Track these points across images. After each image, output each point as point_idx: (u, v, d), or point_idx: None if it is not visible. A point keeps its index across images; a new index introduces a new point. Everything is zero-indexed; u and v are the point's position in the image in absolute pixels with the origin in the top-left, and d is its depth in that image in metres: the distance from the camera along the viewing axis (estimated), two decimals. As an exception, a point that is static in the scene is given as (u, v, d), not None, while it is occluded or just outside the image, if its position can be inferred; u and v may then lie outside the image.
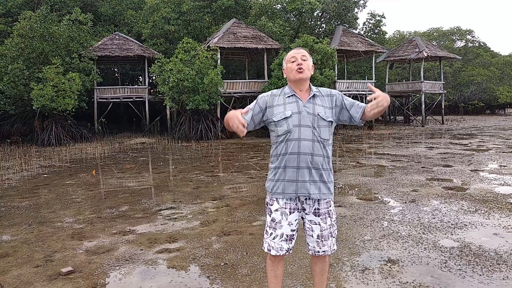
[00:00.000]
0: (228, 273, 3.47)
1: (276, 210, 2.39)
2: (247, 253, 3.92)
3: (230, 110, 2.45)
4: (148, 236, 4.54)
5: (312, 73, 2.44)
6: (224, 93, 19.63)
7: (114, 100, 21.22)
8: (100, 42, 21.04)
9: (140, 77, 29.25)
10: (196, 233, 4.63)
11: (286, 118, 2.33)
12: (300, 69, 2.35)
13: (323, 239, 2.41)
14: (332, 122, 2.40)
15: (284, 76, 2.47)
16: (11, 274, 3.55)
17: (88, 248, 4.20)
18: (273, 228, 2.40)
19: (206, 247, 4.13)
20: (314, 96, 2.39)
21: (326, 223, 2.41)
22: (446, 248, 3.95)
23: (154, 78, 23.25)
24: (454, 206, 5.58)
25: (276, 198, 2.40)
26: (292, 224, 2.39)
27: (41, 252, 4.10)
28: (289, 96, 2.39)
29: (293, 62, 2.39)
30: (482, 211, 5.26)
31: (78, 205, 6.20)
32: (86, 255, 3.97)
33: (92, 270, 3.59)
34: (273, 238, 2.40)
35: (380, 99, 2.22)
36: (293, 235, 2.41)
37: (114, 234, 4.65)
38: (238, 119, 2.15)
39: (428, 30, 49.31)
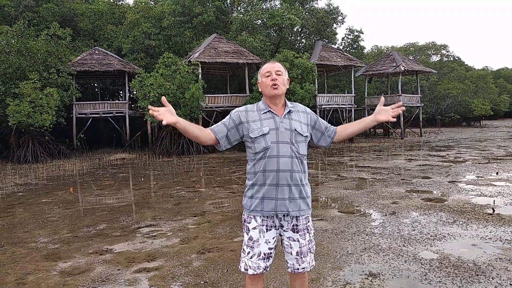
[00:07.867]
0: (208, 291, 3.40)
1: (254, 228, 2.33)
2: (227, 271, 3.85)
3: (211, 124, 2.44)
4: (126, 255, 4.42)
5: (288, 86, 2.42)
6: (206, 107, 19.58)
7: (94, 115, 20.87)
8: (79, 57, 20.76)
9: (121, 92, 28.89)
10: (175, 251, 4.54)
11: (263, 134, 2.28)
12: (275, 85, 2.32)
13: (302, 256, 2.37)
14: (307, 137, 2.40)
15: (260, 90, 2.44)
16: (-20, 299, 3.39)
17: (63, 269, 4.05)
18: (251, 247, 2.33)
19: (186, 265, 4.04)
20: (289, 111, 2.37)
21: (305, 239, 2.38)
22: (426, 260, 3.97)
23: (134, 93, 23.01)
24: (433, 217, 5.65)
25: (254, 216, 2.34)
26: (269, 242, 2.34)
27: (13, 274, 3.94)
28: (265, 112, 2.35)
29: (267, 76, 2.35)
30: (460, 222, 5.34)
31: (54, 224, 6.01)
32: (60, 277, 3.83)
33: (66, 293, 3.45)
34: (251, 257, 2.33)
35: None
36: (271, 253, 2.36)
37: (91, 254, 4.51)
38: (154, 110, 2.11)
39: (404, 45, 50.66)
